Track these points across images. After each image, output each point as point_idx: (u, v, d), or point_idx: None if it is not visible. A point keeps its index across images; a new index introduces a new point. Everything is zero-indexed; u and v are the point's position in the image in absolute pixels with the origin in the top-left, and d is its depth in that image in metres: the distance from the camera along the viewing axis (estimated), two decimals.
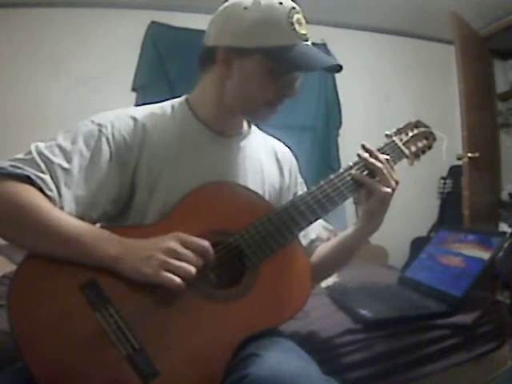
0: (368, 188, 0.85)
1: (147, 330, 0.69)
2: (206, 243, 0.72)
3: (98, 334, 0.66)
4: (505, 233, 1.53)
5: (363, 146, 0.89)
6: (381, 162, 0.86)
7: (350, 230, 0.92)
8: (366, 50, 3.08)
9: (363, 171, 0.87)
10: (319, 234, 1.01)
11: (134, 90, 2.69)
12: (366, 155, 0.87)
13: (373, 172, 0.86)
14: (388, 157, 0.88)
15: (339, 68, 0.82)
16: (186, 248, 0.70)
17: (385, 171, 0.85)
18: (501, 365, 1.18)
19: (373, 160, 0.86)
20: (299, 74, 0.85)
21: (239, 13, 0.80)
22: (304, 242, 0.97)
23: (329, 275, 1.00)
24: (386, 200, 0.85)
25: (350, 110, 3.00)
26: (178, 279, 0.67)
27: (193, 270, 0.68)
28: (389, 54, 3.14)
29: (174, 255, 0.68)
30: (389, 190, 0.84)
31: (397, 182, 0.86)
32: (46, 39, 2.58)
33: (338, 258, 0.96)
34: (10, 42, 2.52)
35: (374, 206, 0.86)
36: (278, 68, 0.81)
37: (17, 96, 2.50)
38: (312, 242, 0.99)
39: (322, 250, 0.98)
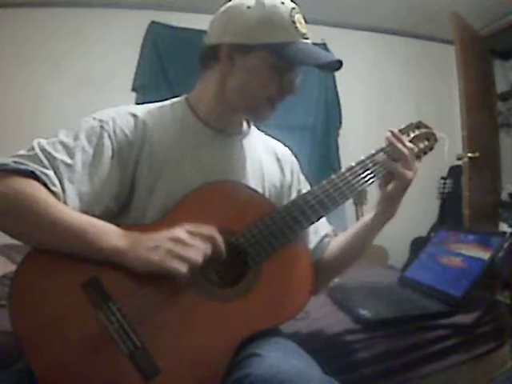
0: (393, 171, 0.87)
1: (149, 328, 0.69)
2: (213, 231, 0.72)
3: (100, 332, 0.67)
4: (505, 233, 1.53)
5: (392, 132, 0.90)
6: (408, 147, 0.88)
7: (365, 218, 0.93)
8: (366, 49, 3.08)
9: (365, 171, 0.88)
10: (329, 231, 1.01)
11: (134, 89, 2.69)
12: (394, 140, 0.89)
13: (397, 157, 0.88)
14: (413, 146, 0.91)
15: (340, 65, 0.83)
16: (193, 237, 0.70)
17: (409, 157, 0.87)
18: (501, 365, 1.18)
19: (400, 145, 0.88)
20: (300, 71, 0.86)
21: (242, 12, 0.81)
22: (315, 238, 0.97)
23: (346, 267, 0.99)
24: (407, 185, 0.87)
25: (349, 109, 3.00)
26: (185, 266, 0.67)
27: (200, 257, 0.68)
28: (389, 54, 3.14)
29: (182, 243, 0.69)
30: (412, 174, 0.87)
31: (415, 171, 0.89)
32: (46, 39, 2.58)
33: (356, 249, 0.95)
34: (10, 42, 2.52)
35: (395, 191, 0.87)
36: (280, 64, 0.82)
37: (17, 96, 2.50)
38: (323, 238, 0.99)
39: (337, 242, 0.98)
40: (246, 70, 0.83)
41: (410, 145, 0.90)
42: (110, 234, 0.71)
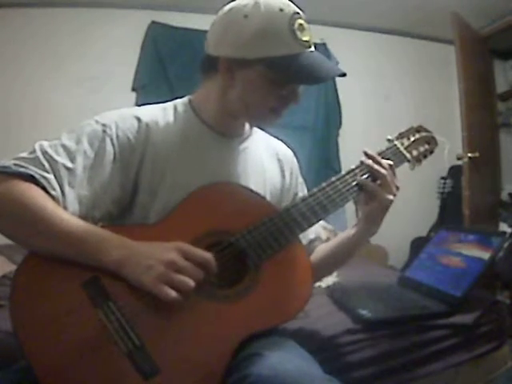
0: (371, 193, 0.86)
1: (148, 327, 0.69)
2: (208, 255, 0.72)
3: (100, 331, 0.67)
4: (505, 233, 1.53)
5: (366, 153, 0.89)
6: (384, 168, 0.86)
7: (349, 231, 0.93)
8: (365, 50, 3.08)
9: (363, 174, 0.88)
10: (318, 234, 1.02)
11: (134, 90, 2.69)
12: (370, 162, 0.87)
13: (376, 177, 0.86)
14: (391, 162, 0.89)
15: (343, 74, 0.82)
16: (188, 260, 0.70)
17: (388, 178, 0.85)
18: (501, 365, 1.18)
19: (377, 167, 0.86)
20: None
21: (239, 22, 0.78)
22: (303, 241, 0.96)
23: (326, 275, 1.02)
24: (387, 206, 0.86)
25: (349, 110, 3.00)
26: (173, 293, 0.66)
27: (191, 283, 0.68)
28: (389, 54, 3.14)
29: (174, 268, 0.68)
30: (391, 196, 0.85)
31: (397, 188, 0.87)
32: (46, 39, 2.58)
33: (337, 259, 0.96)
34: (10, 42, 2.52)
35: (375, 211, 0.86)
36: (280, 79, 0.80)
37: (17, 96, 2.50)
38: (311, 241, 0.99)
39: (321, 250, 0.98)
40: (245, 84, 0.82)
41: (387, 163, 0.87)
42: (107, 246, 0.70)
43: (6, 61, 2.50)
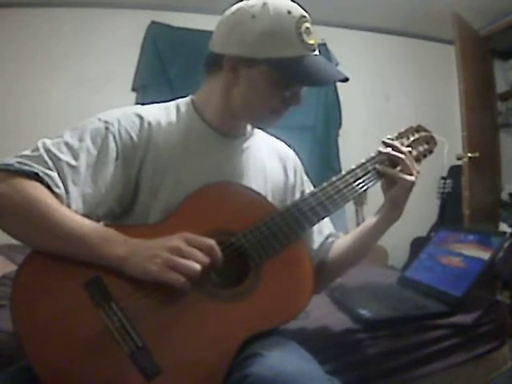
0: (392, 177, 0.89)
1: (150, 328, 0.69)
2: (211, 241, 0.72)
3: (102, 332, 0.67)
4: (505, 233, 1.53)
5: (384, 142, 0.92)
6: (402, 152, 0.90)
7: (371, 220, 0.94)
8: (365, 50, 3.08)
9: (366, 173, 0.89)
10: (332, 230, 1.02)
11: (134, 90, 2.69)
12: (388, 149, 0.91)
13: (395, 163, 0.90)
14: (410, 149, 0.93)
15: (345, 79, 0.82)
16: (192, 246, 0.70)
17: (407, 161, 0.89)
18: (501, 365, 1.18)
19: (395, 152, 0.90)
20: None
21: (247, 22, 0.79)
22: (319, 238, 0.98)
23: (348, 269, 1.00)
24: (409, 188, 0.89)
25: (350, 110, 3.00)
26: (182, 278, 0.66)
27: (198, 267, 0.68)
28: (389, 54, 3.14)
29: (179, 253, 0.68)
30: (412, 178, 0.88)
31: (418, 172, 0.90)
32: (46, 39, 2.58)
33: (359, 250, 0.97)
34: (10, 42, 2.52)
35: (398, 195, 0.89)
36: (284, 79, 0.81)
37: (17, 96, 2.50)
38: (327, 237, 1.00)
39: (341, 243, 0.99)
40: (250, 83, 0.82)
41: (405, 149, 0.91)
42: (111, 242, 0.71)
43: (6, 61, 2.50)
